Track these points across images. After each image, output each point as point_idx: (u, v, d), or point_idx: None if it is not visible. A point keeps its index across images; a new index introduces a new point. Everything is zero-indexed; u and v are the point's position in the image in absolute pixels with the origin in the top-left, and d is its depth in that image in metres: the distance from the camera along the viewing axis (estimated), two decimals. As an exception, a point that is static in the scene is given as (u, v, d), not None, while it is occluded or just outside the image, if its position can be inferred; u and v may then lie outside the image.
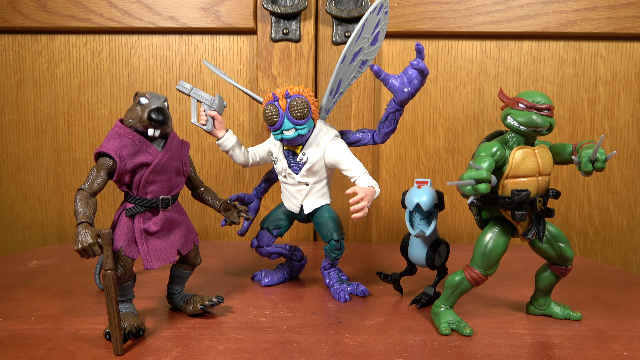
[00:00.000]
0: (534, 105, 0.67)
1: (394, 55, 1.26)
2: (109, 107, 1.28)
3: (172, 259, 0.73)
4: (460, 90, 1.26)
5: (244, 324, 0.74)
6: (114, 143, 0.68)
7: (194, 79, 1.27)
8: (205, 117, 0.85)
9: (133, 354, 0.64)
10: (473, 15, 1.20)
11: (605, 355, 0.65)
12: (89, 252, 0.63)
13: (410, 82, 0.79)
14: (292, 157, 0.84)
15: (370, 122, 1.22)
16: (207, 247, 1.18)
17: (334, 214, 0.87)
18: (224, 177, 1.30)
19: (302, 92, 0.80)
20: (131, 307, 0.74)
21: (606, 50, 1.24)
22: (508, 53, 1.25)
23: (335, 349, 0.66)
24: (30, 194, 1.31)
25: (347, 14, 1.17)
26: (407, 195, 0.79)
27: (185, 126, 1.28)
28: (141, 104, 0.70)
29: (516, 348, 0.67)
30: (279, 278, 0.93)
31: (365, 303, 0.83)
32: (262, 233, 0.91)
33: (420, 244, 0.81)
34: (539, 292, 0.78)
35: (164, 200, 0.71)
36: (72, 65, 1.27)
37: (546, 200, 0.71)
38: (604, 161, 0.65)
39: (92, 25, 1.22)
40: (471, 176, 0.63)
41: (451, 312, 0.73)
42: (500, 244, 0.71)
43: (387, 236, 1.31)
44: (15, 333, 0.70)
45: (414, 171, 1.29)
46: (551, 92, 1.25)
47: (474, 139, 1.27)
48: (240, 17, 1.21)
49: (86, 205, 0.65)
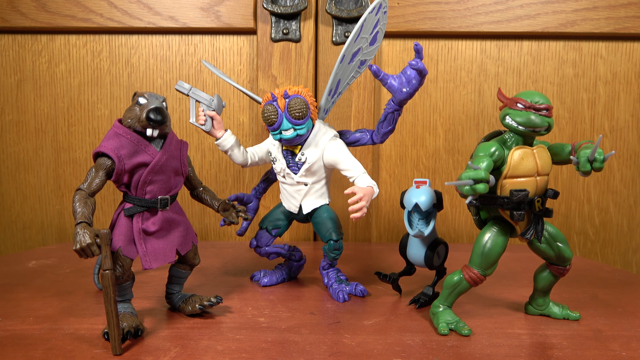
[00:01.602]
0: (532, 106, 0.67)
1: (394, 55, 1.25)
2: (109, 107, 1.28)
3: (170, 259, 0.73)
4: (460, 90, 1.26)
5: (242, 324, 0.74)
6: (112, 143, 0.68)
7: (193, 79, 1.27)
8: (204, 117, 0.85)
9: (131, 354, 0.64)
10: (473, 15, 1.20)
11: (604, 355, 0.65)
12: (88, 252, 0.63)
13: (409, 82, 0.79)
14: (291, 157, 0.84)
15: (370, 122, 1.22)
16: (206, 247, 1.18)
17: (332, 214, 0.87)
18: (223, 177, 1.30)
19: (301, 92, 0.80)
20: (130, 307, 0.74)
21: (606, 50, 1.23)
22: (508, 53, 1.25)
23: (334, 349, 0.66)
24: (30, 194, 1.31)
25: (347, 14, 1.17)
26: (406, 195, 0.79)
27: (185, 126, 1.28)
28: (140, 104, 0.70)
29: (515, 348, 0.67)
30: (278, 278, 0.93)
31: (364, 303, 0.83)
32: (261, 233, 0.91)
33: (419, 244, 0.81)
34: (538, 292, 0.78)
35: (162, 200, 0.71)
36: (72, 65, 1.27)
37: (545, 200, 0.71)
38: (602, 161, 0.65)
39: (92, 25, 1.22)
40: (469, 176, 0.63)
41: (450, 312, 0.73)
42: (499, 244, 0.71)
43: (387, 236, 1.31)
44: (13, 333, 0.70)
45: (414, 171, 1.29)
46: (551, 92, 1.25)
47: (474, 139, 1.27)
48: (240, 17, 1.21)
49: (85, 205, 0.65)
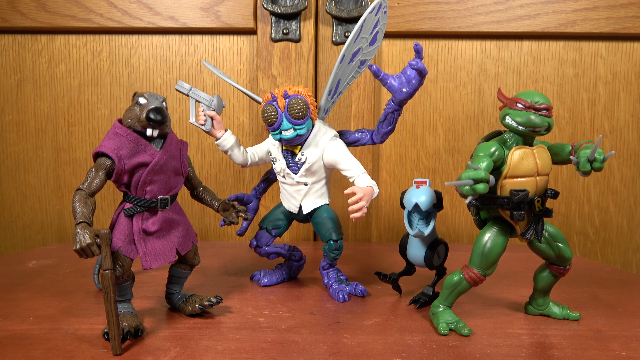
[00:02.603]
0: (532, 105, 0.67)
1: (394, 55, 1.25)
2: (109, 107, 1.28)
3: (170, 259, 0.73)
4: (460, 90, 1.26)
5: (242, 324, 0.74)
6: (112, 143, 0.68)
7: (194, 79, 1.27)
8: (204, 117, 0.85)
9: (131, 354, 0.64)
10: (473, 15, 1.20)
11: (604, 355, 0.65)
12: (88, 252, 0.63)
13: (409, 82, 0.79)
14: (291, 157, 0.84)
15: (370, 122, 1.22)
16: (206, 247, 1.18)
17: (332, 214, 0.87)
18: (223, 177, 1.30)
19: (301, 92, 0.80)
20: (130, 307, 0.74)
21: (606, 50, 1.23)
22: (508, 53, 1.25)
23: (334, 349, 0.66)
24: (30, 194, 1.31)
25: (347, 14, 1.17)
26: (406, 195, 0.79)
27: (185, 126, 1.28)
28: (140, 104, 0.70)
29: (515, 348, 0.67)
30: (278, 278, 0.93)
31: (363, 303, 0.83)
32: (261, 233, 0.91)
33: (419, 244, 0.81)
34: (538, 292, 0.78)
35: (162, 200, 0.71)
36: (72, 65, 1.27)
37: (544, 200, 0.71)
38: (602, 161, 0.65)
39: (92, 25, 1.22)
40: (469, 176, 0.63)
41: (450, 312, 0.73)
42: (499, 244, 0.71)
43: (387, 236, 1.31)
44: (13, 333, 0.70)
45: (414, 171, 1.29)
46: (551, 92, 1.25)
47: (474, 139, 1.27)
48: (240, 17, 1.21)
49: (85, 205, 0.65)
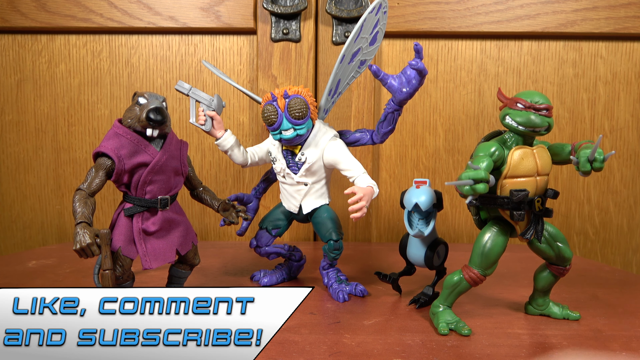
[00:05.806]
0: (532, 105, 0.67)
1: (394, 55, 1.25)
2: (109, 107, 1.28)
3: (170, 259, 0.73)
4: (460, 90, 1.26)
5: (242, 323, 0.74)
6: (112, 143, 0.68)
7: (194, 79, 1.27)
8: (204, 117, 0.85)
9: (131, 354, 0.64)
10: (473, 15, 1.20)
11: (604, 355, 0.65)
12: (88, 252, 0.63)
13: (409, 82, 0.79)
14: (291, 157, 0.84)
15: (370, 122, 1.22)
16: (206, 247, 1.18)
17: (332, 214, 0.87)
18: (223, 177, 1.30)
19: (301, 92, 0.80)
20: (130, 306, 0.74)
21: (606, 50, 1.23)
22: (508, 53, 1.25)
23: (334, 349, 0.66)
24: (30, 194, 1.31)
25: (347, 14, 1.17)
26: (406, 195, 0.79)
27: (185, 126, 1.28)
28: (140, 104, 0.70)
29: (515, 348, 0.67)
30: (278, 278, 0.93)
31: (363, 303, 0.83)
32: (261, 233, 0.91)
33: (418, 244, 0.81)
34: (538, 292, 0.78)
35: (162, 200, 0.71)
36: (72, 65, 1.27)
37: (545, 200, 0.71)
38: (602, 161, 0.65)
39: (92, 25, 1.22)
40: (469, 176, 0.63)
41: (450, 312, 0.73)
42: (499, 244, 0.71)
43: (387, 236, 1.31)
44: (14, 333, 0.70)
45: (414, 171, 1.29)
46: (551, 92, 1.25)
47: (474, 139, 1.27)
48: (240, 17, 1.21)
49: (84, 205, 0.65)
